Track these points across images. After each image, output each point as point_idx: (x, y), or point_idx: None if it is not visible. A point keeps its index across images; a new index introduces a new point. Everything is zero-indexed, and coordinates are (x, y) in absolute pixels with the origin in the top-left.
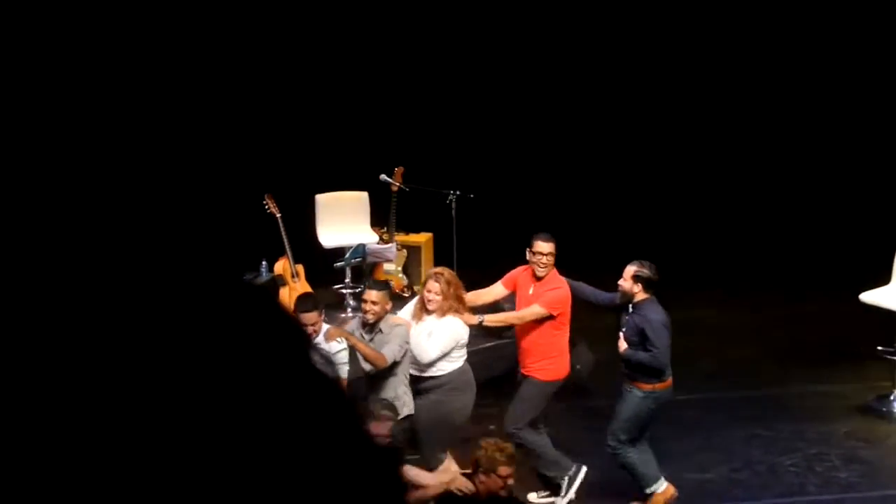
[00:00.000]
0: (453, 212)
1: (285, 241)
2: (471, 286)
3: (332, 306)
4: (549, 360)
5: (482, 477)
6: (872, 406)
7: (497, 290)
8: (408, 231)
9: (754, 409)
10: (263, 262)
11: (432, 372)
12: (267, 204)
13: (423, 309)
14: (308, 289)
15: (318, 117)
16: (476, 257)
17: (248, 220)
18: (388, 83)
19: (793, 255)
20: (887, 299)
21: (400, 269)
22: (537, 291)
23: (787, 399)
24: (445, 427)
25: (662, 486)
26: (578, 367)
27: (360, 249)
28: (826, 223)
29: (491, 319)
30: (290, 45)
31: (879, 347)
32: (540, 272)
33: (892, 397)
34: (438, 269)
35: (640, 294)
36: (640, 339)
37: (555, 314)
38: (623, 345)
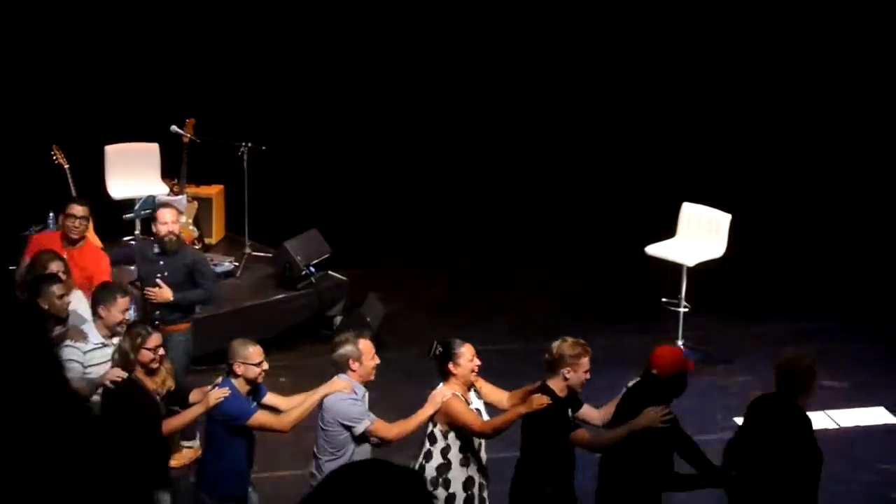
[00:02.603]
0: (245, 164)
1: (73, 192)
2: (260, 240)
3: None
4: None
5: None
6: None
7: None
8: (199, 183)
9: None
10: (51, 214)
11: None
12: (55, 155)
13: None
14: (96, 240)
15: (107, 66)
16: (267, 210)
17: (35, 172)
18: (180, 32)
19: (582, 211)
20: (672, 252)
21: (191, 221)
22: (76, 259)
23: None
24: None
25: (198, 443)
26: (369, 319)
27: (150, 201)
28: (612, 179)
29: None
30: None
31: (664, 299)
32: (74, 235)
33: None
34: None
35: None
36: (188, 279)
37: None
38: (167, 292)
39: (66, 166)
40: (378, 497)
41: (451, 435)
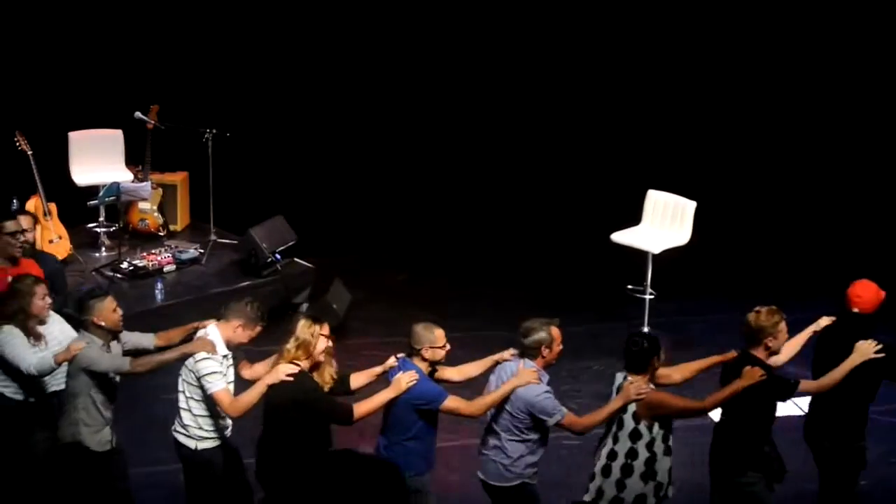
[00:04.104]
0: (209, 150)
1: (37, 178)
2: (225, 227)
3: (86, 245)
4: None
5: None
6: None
7: None
8: (163, 170)
9: (508, 346)
10: (14, 201)
11: None
12: (18, 141)
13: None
14: (61, 227)
15: (71, 52)
16: (232, 197)
17: None
18: (143, 17)
19: (548, 198)
20: (637, 239)
21: (155, 208)
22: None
23: None
24: None
25: None
26: (335, 306)
27: (114, 188)
28: (578, 166)
29: None
30: None
31: (629, 286)
32: (18, 252)
33: None
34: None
35: None
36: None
37: None
38: None
39: (30, 153)
40: None
41: (656, 426)
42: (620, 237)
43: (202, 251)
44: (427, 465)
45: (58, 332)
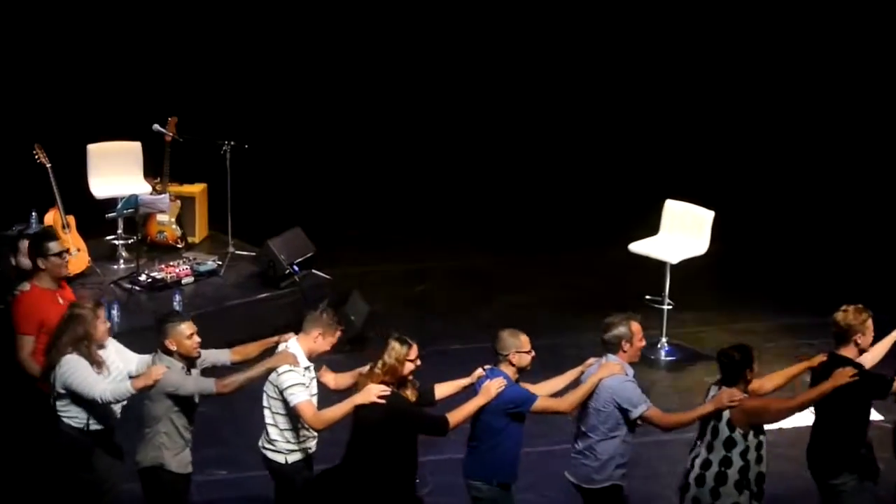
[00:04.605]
0: (228, 162)
1: (55, 191)
2: (244, 238)
3: (104, 258)
4: None
5: None
6: (641, 353)
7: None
8: (182, 181)
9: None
10: (33, 213)
11: None
12: (36, 153)
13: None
14: (79, 240)
15: (89, 65)
16: (251, 208)
17: (17, 170)
18: (161, 30)
19: (565, 207)
20: (655, 249)
21: (173, 220)
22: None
23: (559, 348)
24: None
25: None
26: (353, 318)
27: (133, 200)
28: (596, 176)
29: None
30: None
31: (647, 297)
32: (65, 272)
33: (659, 345)
34: None
35: None
36: None
37: None
38: None
39: (48, 165)
40: None
41: (751, 434)
42: (638, 247)
43: (220, 263)
44: (512, 476)
45: (114, 354)
